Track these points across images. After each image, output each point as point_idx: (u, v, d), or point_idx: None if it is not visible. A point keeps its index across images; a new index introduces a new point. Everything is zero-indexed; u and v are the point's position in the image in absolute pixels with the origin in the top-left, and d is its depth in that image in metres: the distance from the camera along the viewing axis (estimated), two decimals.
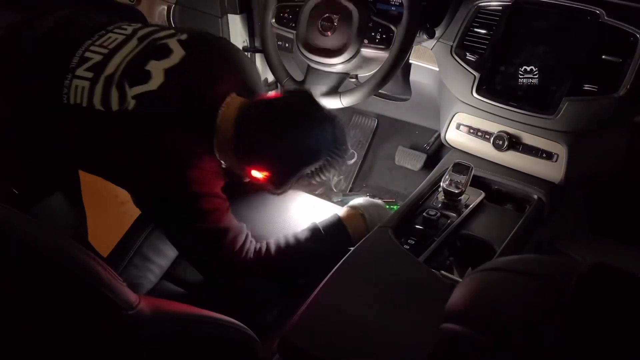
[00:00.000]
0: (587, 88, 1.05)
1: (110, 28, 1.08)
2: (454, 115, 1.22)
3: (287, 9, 1.27)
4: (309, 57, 1.23)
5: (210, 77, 1.04)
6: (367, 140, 1.94)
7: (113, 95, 0.97)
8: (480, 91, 1.15)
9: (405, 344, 0.79)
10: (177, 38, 1.05)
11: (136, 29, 1.08)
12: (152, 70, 0.99)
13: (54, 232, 0.50)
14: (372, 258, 0.95)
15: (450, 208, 1.07)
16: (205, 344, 0.73)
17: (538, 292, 0.41)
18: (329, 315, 0.85)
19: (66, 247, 0.51)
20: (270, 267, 1.08)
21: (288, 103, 1.05)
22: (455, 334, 0.47)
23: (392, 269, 0.92)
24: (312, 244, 1.11)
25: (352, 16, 1.17)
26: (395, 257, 0.94)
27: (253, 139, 1.01)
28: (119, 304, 0.55)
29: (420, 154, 1.81)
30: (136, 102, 0.96)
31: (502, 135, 1.14)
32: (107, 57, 1.02)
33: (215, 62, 1.07)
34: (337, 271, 0.92)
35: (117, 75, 0.99)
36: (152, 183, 1.00)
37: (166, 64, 1.00)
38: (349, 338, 0.81)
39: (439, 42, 1.22)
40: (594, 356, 0.36)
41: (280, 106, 1.04)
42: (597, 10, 1.06)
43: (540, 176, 1.15)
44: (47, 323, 0.51)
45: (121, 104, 0.96)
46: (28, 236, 0.48)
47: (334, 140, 1.04)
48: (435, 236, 1.01)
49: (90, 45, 1.04)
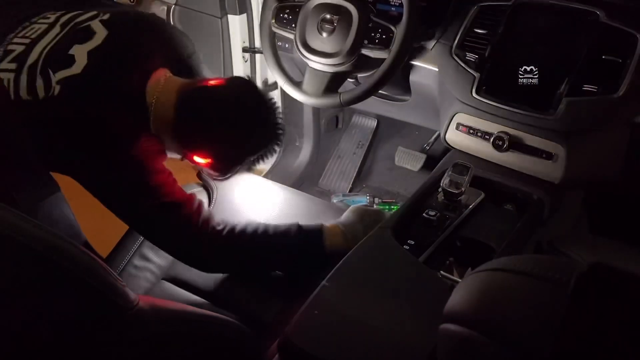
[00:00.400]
0: (587, 88, 1.05)
1: (34, 19, 1.08)
2: (454, 115, 1.22)
3: (287, 10, 1.27)
4: (308, 57, 1.23)
5: (136, 54, 1.04)
6: (367, 141, 1.94)
7: (38, 84, 0.97)
8: (480, 91, 1.15)
9: (405, 344, 0.79)
10: (99, 19, 1.05)
11: (59, 16, 1.07)
12: (75, 54, 0.98)
13: (54, 232, 0.50)
14: (372, 258, 0.95)
15: (450, 208, 1.07)
16: (204, 343, 0.73)
17: (537, 293, 0.41)
18: (328, 315, 0.85)
19: (66, 246, 0.51)
20: (227, 243, 1.06)
21: (231, 91, 1.05)
22: (454, 334, 0.47)
23: (391, 269, 0.92)
24: (281, 239, 1.08)
25: (352, 17, 1.17)
26: (394, 257, 0.94)
27: (196, 127, 1.01)
28: (119, 304, 0.55)
29: (420, 154, 1.81)
30: (61, 87, 0.96)
31: (502, 135, 1.14)
32: (30, 46, 1.01)
33: (140, 38, 1.07)
34: (336, 271, 0.92)
35: (40, 63, 0.98)
36: (94, 168, 0.99)
37: (89, 46, 1.00)
38: (349, 338, 0.81)
39: (438, 42, 1.23)
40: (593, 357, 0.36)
41: (223, 94, 1.04)
42: (596, 10, 1.06)
43: (540, 176, 1.15)
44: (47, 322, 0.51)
45: (47, 91, 0.96)
46: (27, 235, 0.48)
47: (274, 126, 1.05)
48: (435, 236, 1.01)
49: (13, 37, 1.04)
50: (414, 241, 1.01)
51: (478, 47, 1.17)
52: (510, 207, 1.14)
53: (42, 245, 0.49)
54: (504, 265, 0.43)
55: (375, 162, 1.93)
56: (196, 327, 0.69)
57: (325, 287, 0.89)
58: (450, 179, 1.06)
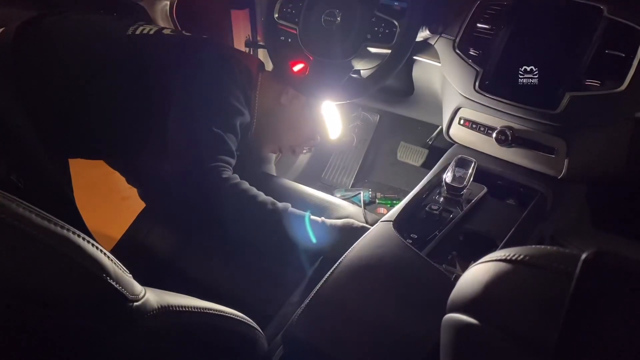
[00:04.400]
0: (590, 83, 1.05)
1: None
2: (457, 110, 1.22)
3: (290, 4, 1.27)
4: (311, 51, 1.23)
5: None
6: (369, 136, 1.94)
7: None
8: (483, 86, 1.15)
9: (408, 336, 0.79)
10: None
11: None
12: None
13: (62, 223, 0.51)
14: (375, 252, 0.95)
15: (453, 203, 1.08)
16: (209, 335, 0.73)
17: (542, 283, 0.42)
18: (332, 308, 0.85)
19: (72, 237, 0.51)
20: (232, 190, 1.09)
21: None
22: (458, 323, 0.47)
23: (394, 263, 0.93)
24: (271, 213, 1.10)
25: (356, 11, 1.17)
26: (397, 251, 0.95)
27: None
28: (125, 295, 0.55)
29: (422, 149, 1.81)
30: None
31: (505, 130, 1.14)
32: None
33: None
34: (340, 265, 0.93)
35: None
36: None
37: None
38: (352, 330, 0.81)
39: (441, 37, 1.22)
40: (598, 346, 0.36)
41: None
42: (600, 5, 1.06)
43: (543, 171, 1.15)
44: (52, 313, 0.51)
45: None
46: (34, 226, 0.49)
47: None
48: (438, 231, 1.02)
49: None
50: (417, 235, 1.01)
51: (481, 42, 1.17)
52: (512, 201, 1.15)
53: (48, 234, 0.50)
54: (508, 255, 0.44)
55: (378, 157, 1.93)
56: (202, 319, 0.70)
57: (329, 281, 0.89)
58: (453, 173, 1.07)
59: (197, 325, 0.70)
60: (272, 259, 1.18)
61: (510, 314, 0.43)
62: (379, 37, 1.17)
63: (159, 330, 0.62)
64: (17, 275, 0.48)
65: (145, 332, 0.59)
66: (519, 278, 0.43)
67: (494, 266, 0.46)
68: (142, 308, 0.58)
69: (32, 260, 0.49)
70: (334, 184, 1.90)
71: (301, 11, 1.25)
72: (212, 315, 0.72)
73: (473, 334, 0.45)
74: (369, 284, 0.88)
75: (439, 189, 1.12)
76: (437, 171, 1.17)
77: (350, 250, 0.96)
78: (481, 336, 0.44)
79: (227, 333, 0.76)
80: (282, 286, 1.12)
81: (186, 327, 0.68)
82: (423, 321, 0.80)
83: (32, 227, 0.48)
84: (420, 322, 0.81)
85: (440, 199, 1.10)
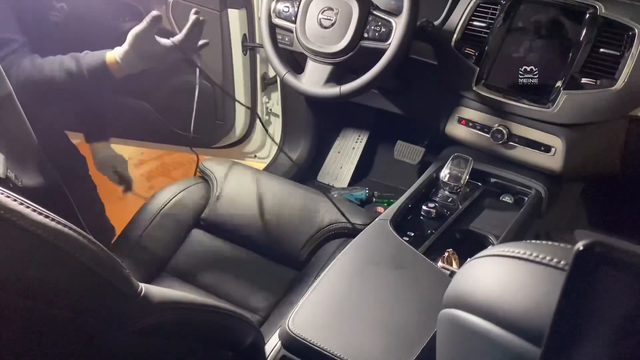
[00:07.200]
0: (585, 81, 1.06)
1: None
2: (453, 108, 1.23)
3: (287, 3, 1.27)
4: (309, 50, 1.24)
5: None
6: (366, 135, 1.95)
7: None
8: (480, 85, 1.15)
9: (404, 332, 0.80)
10: None
11: None
12: None
13: (60, 220, 0.51)
14: (372, 250, 0.96)
15: (449, 200, 1.08)
16: (206, 332, 0.73)
17: (537, 277, 0.42)
18: (329, 305, 0.86)
19: (70, 233, 0.51)
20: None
21: None
22: (454, 319, 0.48)
23: (391, 260, 0.93)
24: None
25: (352, 9, 1.18)
26: (394, 248, 0.95)
27: None
28: (123, 291, 0.55)
29: (419, 148, 1.81)
30: None
31: (501, 128, 1.14)
32: None
33: None
34: (337, 262, 0.93)
35: None
36: None
37: None
38: (349, 327, 0.82)
39: (438, 35, 1.23)
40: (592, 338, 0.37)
41: None
42: (595, 4, 1.07)
43: (539, 169, 1.15)
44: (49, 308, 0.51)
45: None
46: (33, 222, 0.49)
47: None
48: (435, 228, 1.02)
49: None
50: (413, 233, 1.02)
51: (478, 40, 1.17)
52: (508, 199, 1.15)
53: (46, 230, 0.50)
54: (504, 251, 0.44)
55: (374, 155, 1.94)
56: (199, 316, 0.70)
57: (326, 278, 0.90)
58: (449, 171, 1.07)
59: (194, 322, 0.70)
60: (269, 256, 1.18)
61: (506, 308, 0.43)
62: (376, 35, 1.18)
63: (156, 327, 0.62)
64: (14, 270, 0.48)
65: (142, 329, 0.59)
66: (514, 273, 0.44)
67: (490, 261, 0.46)
68: (140, 304, 0.58)
69: (29, 255, 0.49)
70: (330, 183, 1.90)
71: (298, 10, 1.25)
72: (210, 312, 0.72)
73: (469, 329, 0.45)
74: (366, 281, 0.89)
75: (435, 187, 1.13)
76: (434, 169, 1.18)
77: (347, 248, 0.96)
78: (477, 331, 0.45)
79: (224, 330, 0.76)
80: (279, 283, 1.13)
81: (183, 324, 0.68)
82: (419, 317, 0.81)
83: (30, 223, 0.48)
84: (417, 318, 0.81)
85: (437, 197, 1.10)
